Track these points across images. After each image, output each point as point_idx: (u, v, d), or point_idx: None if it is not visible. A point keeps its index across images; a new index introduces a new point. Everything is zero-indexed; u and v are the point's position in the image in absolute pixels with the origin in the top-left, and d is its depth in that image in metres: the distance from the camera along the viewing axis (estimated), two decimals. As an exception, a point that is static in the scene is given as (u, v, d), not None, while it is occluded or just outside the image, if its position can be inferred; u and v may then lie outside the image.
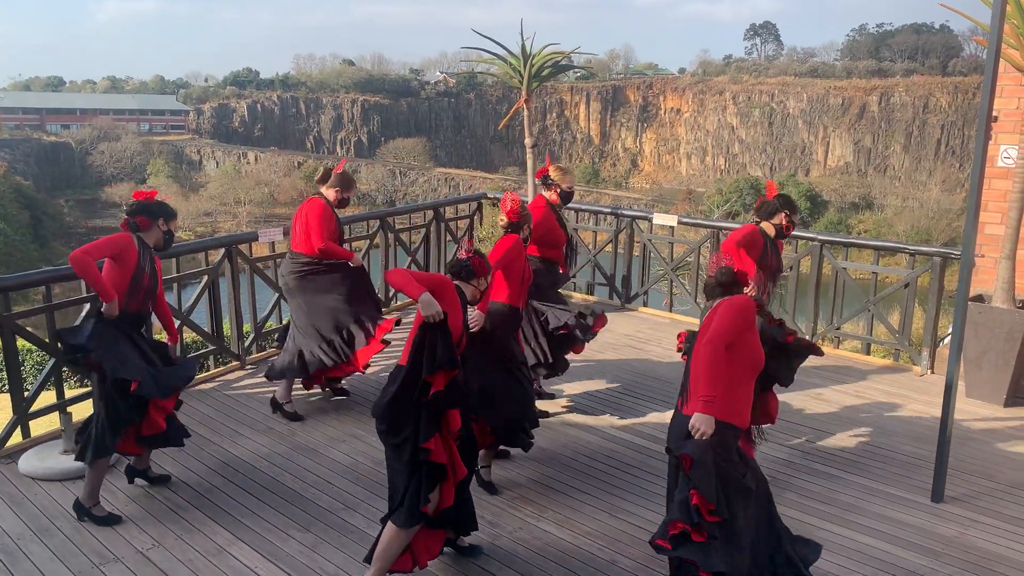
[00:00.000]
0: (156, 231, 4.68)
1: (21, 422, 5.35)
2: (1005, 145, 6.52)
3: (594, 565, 4.10)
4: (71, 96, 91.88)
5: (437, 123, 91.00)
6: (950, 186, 65.36)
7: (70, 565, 4.03)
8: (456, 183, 74.40)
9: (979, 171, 4.42)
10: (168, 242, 4.79)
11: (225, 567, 4.04)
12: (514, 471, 5.06)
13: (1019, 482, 5.00)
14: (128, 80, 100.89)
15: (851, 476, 5.05)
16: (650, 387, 6.53)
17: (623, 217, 8.74)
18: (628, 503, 4.70)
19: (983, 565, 4.11)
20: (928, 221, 59.13)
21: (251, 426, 5.69)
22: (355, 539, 4.30)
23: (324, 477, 4.98)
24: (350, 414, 5.93)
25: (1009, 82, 6.40)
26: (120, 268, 4.48)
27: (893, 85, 78.26)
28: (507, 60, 9.28)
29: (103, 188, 73.76)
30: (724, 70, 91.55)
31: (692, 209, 55.54)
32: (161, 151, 78.81)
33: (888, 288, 7.46)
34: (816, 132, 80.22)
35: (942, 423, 4.66)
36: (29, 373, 13.78)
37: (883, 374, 6.91)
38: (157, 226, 4.68)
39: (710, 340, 3.44)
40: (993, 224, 6.60)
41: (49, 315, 5.54)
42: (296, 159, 79.90)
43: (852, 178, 74.51)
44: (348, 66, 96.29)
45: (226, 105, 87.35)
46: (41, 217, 58.95)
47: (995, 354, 6.08)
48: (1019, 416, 6.01)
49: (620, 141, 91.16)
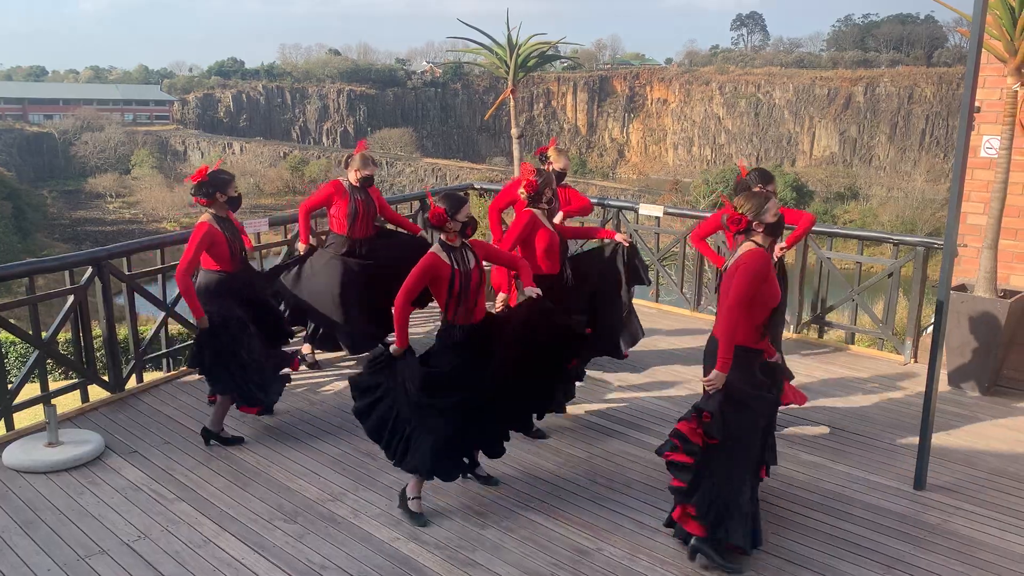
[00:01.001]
0: (219, 204, 5.20)
1: (5, 415, 5.32)
2: (988, 136, 6.55)
3: (580, 553, 4.12)
4: (54, 86, 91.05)
5: (424, 113, 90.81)
6: (934, 176, 65.77)
7: (55, 557, 4.02)
8: (443, 173, 74.22)
9: (961, 161, 4.45)
10: (235, 205, 5.30)
11: (211, 558, 4.04)
12: (500, 462, 5.07)
13: (1000, 469, 5.05)
14: (112, 70, 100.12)
15: (834, 464, 5.09)
16: (635, 376, 6.55)
17: (609, 208, 8.75)
18: (613, 492, 4.72)
19: (965, 552, 4.15)
20: (913, 211, 59.47)
21: (237, 417, 5.67)
22: (342, 530, 4.30)
23: (311, 468, 4.98)
24: (337, 406, 5.92)
25: (992, 73, 6.43)
26: (215, 249, 5.16)
27: (878, 76, 78.66)
28: (493, 50, 9.27)
29: (87, 179, 73.24)
30: (711, 60, 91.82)
31: (679, 199, 55.62)
32: (145, 141, 78.26)
33: (872, 278, 7.51)
34: (802, 122, 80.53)
35: (924, 411, 4.70)
36: (13, 365, 13.71)
37: (867, 363, 6.96)
38: (217, 200, 5.18)
39: (730, 308, 3.88)
40: (975, 214, 6.64)
41: (33, 307, 5.50)
42: (282, 149, 79.56)
43: (837, 168, 74.91)
44: (334, 56, 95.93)
45: (211, 95, 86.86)
46: (24, 208, 58.41)
47: (977, 343, 6.13)
48: (1001, 404, 6.07)
49: (607, 131, 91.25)
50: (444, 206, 4.25)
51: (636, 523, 4.39)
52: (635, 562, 4.05)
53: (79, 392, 5.91)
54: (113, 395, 6.00)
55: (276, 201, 68.14)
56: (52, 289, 5.92)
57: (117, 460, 5.04)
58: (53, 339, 5.65)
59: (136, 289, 6.23)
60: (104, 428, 5.48)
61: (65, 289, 5.71)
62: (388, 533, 4.27)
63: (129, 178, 73.33)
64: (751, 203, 4.01)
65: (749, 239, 4.02)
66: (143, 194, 69.71)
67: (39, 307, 5.56)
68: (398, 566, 3.99)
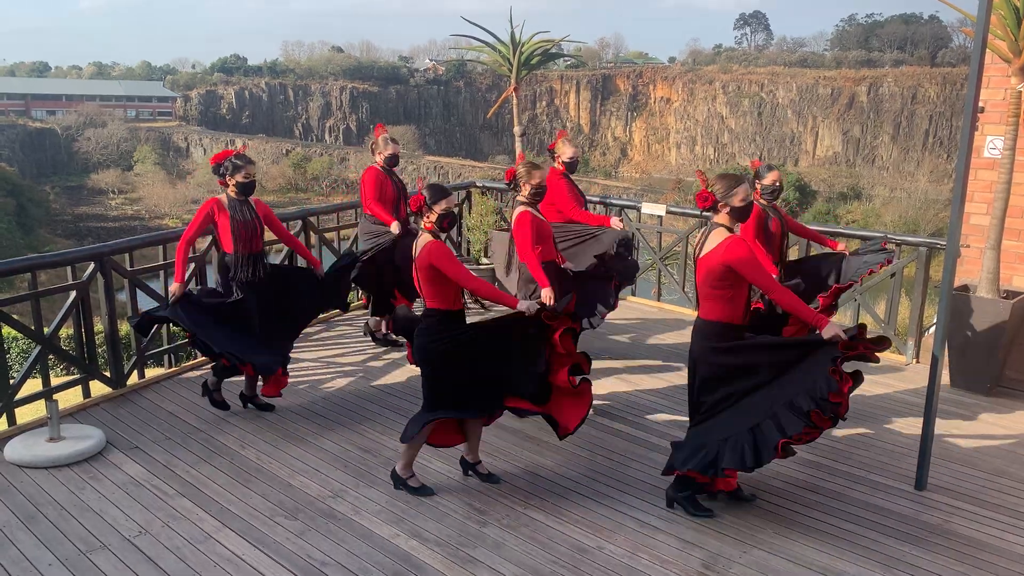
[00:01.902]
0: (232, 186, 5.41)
1: (7, 410, 5.34)
2: (991, 136, 6.54)
3: (581, 551, 4.12)
4: (57, 82, 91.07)
5: (426, 111, 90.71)
6: (938, 176, 65.61)
7: (56, 552, 4.03)
8: (445, 171, 74.15)
9: (965, 162, 4.44)
10: (247, 189, 5.46)
11: (212, 554, 4.04)
12: (502, 460, 5.08)
13: (1002, 470, 5.05)
14: (114, 66, 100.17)
15: (836, 464, 5.09)
16: (637, 376, 6.55)
17: (612, 206, 8.74)
18: (614, 490, 4.72)
19: (966, 552, 4.15)
20: (916, 211, 59.35)
21: (238, 413, 5.69)
22: (342, 526, 4.31)
23: (312, 465, 4.98)
24: (338, 403, 5.93)
25: (996, 73, 6.43)
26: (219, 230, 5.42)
27: (882, 75, 78.45)
28: (496, 48, 9.25)
29: (89, 175, 73.22)
30: (714, 59, 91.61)
31: (681, 199, 55.58)
32: (148, 138, 78.25)
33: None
34: (805, 122, 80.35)
35: (926, 411, 4.70)
36: (15, 361, 13.74)
37: (869, 363, 6.93)
38: (229, 182, 5.40)
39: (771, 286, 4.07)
40: (979, 215, 6.63)
41: (35, 302, 5.51)
42: (284, 146, 79.50)
43: (841, 168, 74.74)
44: (337, 53, 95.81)
45: (213, 92, 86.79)
46: (26, 204, 58.45)
47: (979, 344, 6.13)
48: (1002, 405, 6.07)
49: (610, 130, 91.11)
50: (426, 194, 4.40)
51: (637, 521, 4.39)
52: (636, 560, 4.05)
53: (81, 388, 5.92)
54: (115, 391, 6.01)
55: (279, 198, 68.07)
56: (54, 285, 5.93)
57: (118, 455, 5.05)
58: (55, 335, 5.66)
59: (138, 285, 6.24)
60: (105, 423, 5.49)
61: (67, 285, 5.71)
62: (389, 530, 4.28)
63: (132, 174, 73.35)
64: (722, 184, 4.17)
65: (717, 219, 4.18)
66: (145, 190, 69.73)
67: (41, 303, 5.58)
68: (399, 563, 3.99)
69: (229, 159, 5.42)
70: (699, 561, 4.04)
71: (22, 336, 9.58)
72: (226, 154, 5.47)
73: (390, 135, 6.85)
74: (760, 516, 4.45)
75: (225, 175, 5.41)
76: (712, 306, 4.18)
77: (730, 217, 4.17)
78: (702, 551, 4.13)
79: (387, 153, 6.71)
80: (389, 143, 6.73)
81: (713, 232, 4.15)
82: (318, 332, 7.45)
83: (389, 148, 6.71)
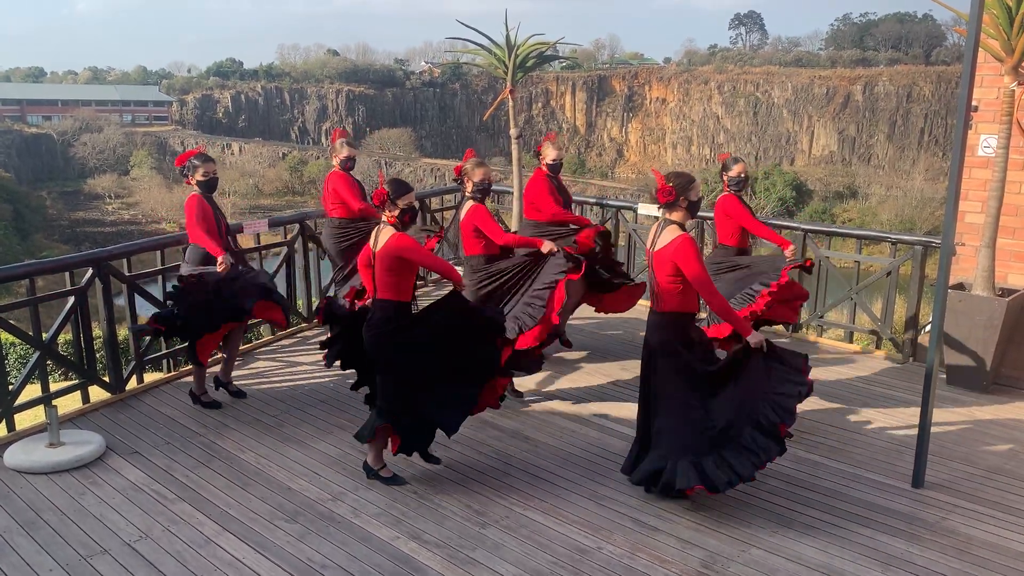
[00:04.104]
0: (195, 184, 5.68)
1: (6, 416, 5.34)
2: (985, 134, 6.57)
3: (580, 552, 4.14)
4: (52, 87, 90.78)
5: (422, 113, 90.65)
6: (933, 175, 65.66)
7: (57, 558, 4.03)
8: (442, 173, 74.07)
9: (959, 160, 4.46)
10: (209, 187, 5.72)
11: (213, 558, 4.05)
12: (500, 460, 5.09)
13: (999, 467, 5.07)
14: (110, 71, 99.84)
15: (833, 462, 5.11)
16: (634, 377, 6.55)
17: (608, 207, 8.76)
18: (612, 491, 4.74)
19: (964, 550, 4.17)
20: (912, 210, 59.48)
21: (237, 417, 5.70)
22: (342, 529, 4.32)
23: (311, 468, 4.99)
24: (337, 407, 5.94)
25: (989, 72, 6.46)
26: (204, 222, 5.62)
27: (877, 74, 78.54)
28: (492, 50, 9.25)
29: (85, 180, 73.06)
30: (709, 60, 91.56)
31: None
32: (144, 142, 78.07)
33: (871, 277, 7.52)
34: (801, 121, 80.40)
35: (923, 410, 4.72)
36: (13, 367, 13.70)
37: (865, 361, 6.98)
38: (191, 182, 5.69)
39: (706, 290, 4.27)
40: (973, 213, 6.66)
41: (33, 308, 5.52)
42: (281, 150, 79.44)
43: (836, 167, 74.78)
44: (332, 56, 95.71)
45: (209, 96, 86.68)
46: (23, 210, 58.36)
47: (975, 341, 6.15)
48: (998, 402, 6.09)
49: (606, 131, 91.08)
50: (388, 189, 4.49)
51: (636, 522, 4.41)
52: (635, 560, 4.06)
53: (80, 393, 5.93)
54: (114, 396, 6.02)
55: (275, 201, 68.11)
56: (52, 290, 5.93)
57: (118, 460, 5.06)
58: (54, 340, 5.67)
59: (136, 290, 6.24)
60: (105, 429, 5.50)
61: (65, 290, 5.72)
62: (388, 532, 4.29)
63: (128, 179, 73.21)
64: (680, 179, 4.39)
65: (671, 216, 4.40)
66: (142, 195, 69.62)
67: (40, 308, 5.58)
68: (399, 565, 4.01)
69: (190, 159, 5.71)
70: (698, 560, 4.05)
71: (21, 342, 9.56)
72: (189, 154, 5.76)
73: (347, 139, 7.12)
74: (758, 515, 4.47)
75: (188, 175, 5.70)
76: (669, 299, 4.40)
77: (685, 212, 4.40)
78: (701, 550, 4.15)
79: (343, 156, 6.94)
80: (345, 146, 6.97)
81: (666, 228, 4.37)
82: (316, 335, 7.46)
83: (345, 151, 6.95)
